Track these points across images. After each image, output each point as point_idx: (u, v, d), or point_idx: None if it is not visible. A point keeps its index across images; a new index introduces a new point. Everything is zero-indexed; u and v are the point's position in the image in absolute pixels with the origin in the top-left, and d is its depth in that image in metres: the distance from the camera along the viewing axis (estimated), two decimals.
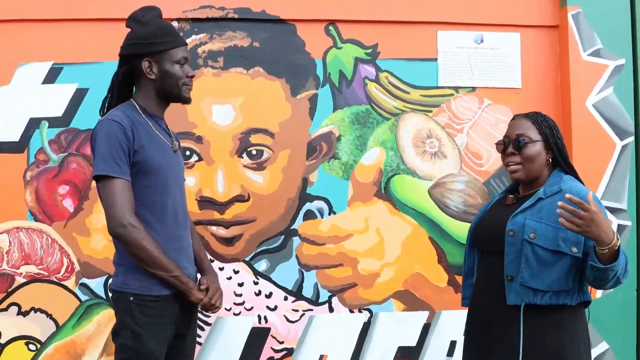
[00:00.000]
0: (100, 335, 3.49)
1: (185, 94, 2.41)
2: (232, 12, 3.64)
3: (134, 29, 2.39)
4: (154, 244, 2.23)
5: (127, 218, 2.19)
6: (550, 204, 2.22)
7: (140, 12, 2.42)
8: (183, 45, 2.41)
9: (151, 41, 2.34)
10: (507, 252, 2.26)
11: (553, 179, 2.31)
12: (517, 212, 2.28)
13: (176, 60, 2.36)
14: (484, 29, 3.85)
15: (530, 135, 2.33)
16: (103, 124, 2.27)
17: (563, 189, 2.24)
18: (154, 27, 2.37)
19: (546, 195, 2.26)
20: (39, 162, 3.52)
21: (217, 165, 3.60)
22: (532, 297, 2.20)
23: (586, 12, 3.80)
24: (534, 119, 2.37)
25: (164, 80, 2.36)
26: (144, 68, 2.34)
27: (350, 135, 3.72)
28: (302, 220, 3.65)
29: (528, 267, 2.21)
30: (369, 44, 3.76)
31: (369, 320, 3.68)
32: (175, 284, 2.28)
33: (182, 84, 2.38)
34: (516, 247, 2.23)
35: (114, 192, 2.21)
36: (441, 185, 3.76)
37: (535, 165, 2.33)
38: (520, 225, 2.24)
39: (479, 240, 2.47)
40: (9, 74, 3.52)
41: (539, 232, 2.21)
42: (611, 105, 3.79)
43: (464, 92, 3.82)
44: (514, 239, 2.24)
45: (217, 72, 3.64)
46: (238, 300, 3.59)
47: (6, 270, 3.47)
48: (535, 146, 2.32)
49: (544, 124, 2.35)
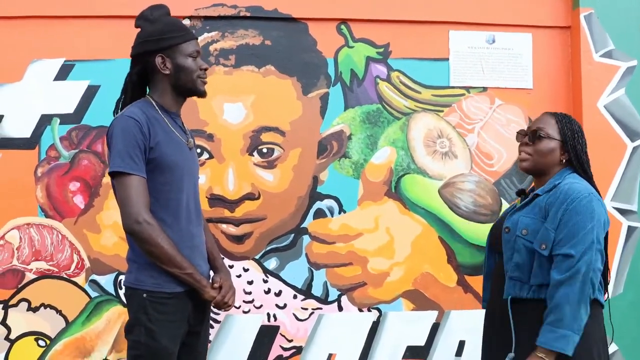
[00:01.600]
0: (110, 331, 3.50)
1: (201, 87, 2.42)
2: (244, 10, 3.64)
3: (143, 28, 2.41)
4: (168, 242, 2.23)
5: (142, 215, 2.20)
6: (543, 199, 2.25)
7: (148, 11, 2.44)
8: (193, 39, 2.43)
9: (162, 37, 2.35)
10: (504, 249, 2.32)
11: (556, 177, 2.32)
12: (515, 210, 2.35)
13: (188, 54, 2.37)
14: (496, 29, 3.84)
15: (548, 131, 2.33)
16: (119, 120, 2.27)
17: (558, 185, 2.25)
18: (163, 23, 2.39)
19: (543, 192, 2.28)
20: (50, 158, 3.53)
21: (228, 163, 3.60)
22: (518, 291, 2.24)
23: (598, 13, 3.79)
24: (558, 118, 2.37)
25: (178, 74, 2.36)
26: (158, 64, 2.35)
27: (361, 134, 3.72)
28: (312, 218, 3.66)
29: (518, 261, 2.24)
30: (381, 43, 3.76)
31: (378, 320, 3.68)
32: (189, 281, 2.28)
33: (196, 77, 2.39)
34: (511, 244, 2.28)
35: (129, 189, 2.21)
36: (451, 185, 3.76)
37: (545, 161, 2.33)
38: (515, 222, 2.29)
39: (493, 242, 2.51)
40: (21, 70, 3.53)
41: (530, 228, 2.24)
42: (622, 106, 3.78)
43: (475, 92, 3.82)
44: (509, 235, 2.29)
45: (228, 70, 3.64)
46: (247, 298, 3.59)
47: (16, 266, 3.47)
48: (550, 143, 2.32)
49: (567, 126, 2.34)
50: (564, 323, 2.09)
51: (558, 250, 2.15)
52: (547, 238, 2.18)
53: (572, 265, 2.11)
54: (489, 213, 3.76)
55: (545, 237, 2.19)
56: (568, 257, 2.12)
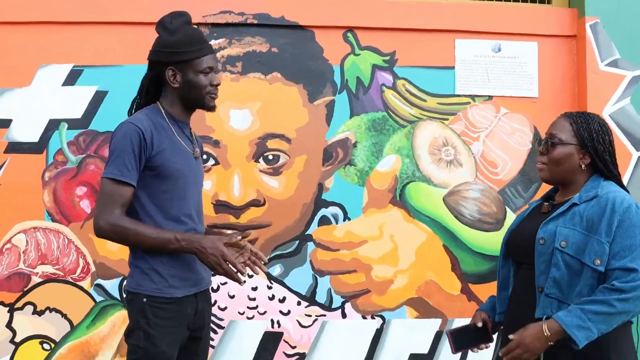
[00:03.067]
0: (114, 336, 3.52)
1: (209, 103, 2.38)
2: (252, 17, 3.66)
3: (161, 36, 2.37)
4: (141, 232, 2.21)
5: (105, 219, 2.20)
6: (584, 209, 2.08)
7: (168, 18, 2.38)
8: (209, 54, 2.37)
9: (176, 50, 2.31)
10: (537, 262, 2.11)
11: (590, 184, 2.14)
12: (549, 219, 2.14)
13: (200, 70, 2.33)
14: (502, 37, 3.86)
15: (561, 136, 2.17)
16: (122, 125, 2.28)
17: (600, 194, 2.09)
18: (180, 35, 2.33)
19: (581, 201, 2.11)
20: (58, 163, 3.56)
21: (234, 170, 3.62)
22: (557, 310, 2.05)
23: (604, 23, 3.80)
24: (573, 119, 2.19)
25: (187, 89, 2.34)
26: (168, 77, 2.34)
27: (366, 141, 3.73)
28: (317, 225, 3.67)
29: (556, 277, 2.07)
30: (387, 52, 3.78)
31: (381, 327, 3.69)
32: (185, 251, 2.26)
33: (205, 93, 2.35)
34: (546, 257, 2.09)
35: (105, 194, 2.22)
36: (456, 193, 3.76)
37: (562, 169, 2.17)
38: (552, 233, 2.09)
39: (512, 250, 2.31)
40: (29, 75, 3.56)
41: (570, 240, 2.06)
42: (628, 115, 3.79)
43: (481, 101, 3.83)
44: (544, 247, 2.10)
45: (235, 77, 3.66)
46: (252, 304, 3.61)
47: (22, 270, 3.50)
48: (565, 149, 2.16)
49: (583, 127, 2.16)
50: (598, 319, 1.96)
51: (616, 264, 2.00)
52: (602, 252, 2.02)
53: (636, 278, 1.97)
54: (493, 221, 3.76)
55: (599, 252, 2.02)
56: (630, 271, 1.98)
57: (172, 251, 2.26)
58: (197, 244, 2.26)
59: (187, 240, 2.27)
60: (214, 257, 2.23)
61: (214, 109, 2.42)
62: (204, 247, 2.25)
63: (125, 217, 2.23)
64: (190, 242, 2.27)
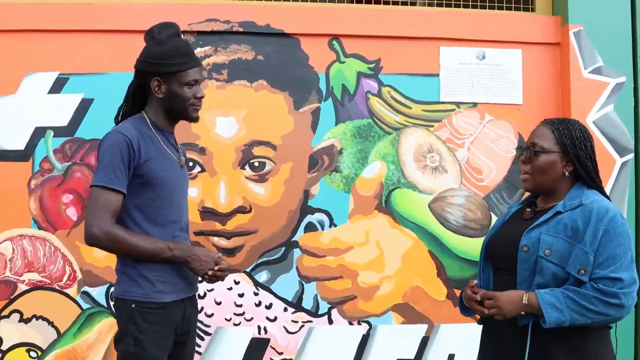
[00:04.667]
0: (101, 343, 3.52)
1: (192, 114, 2.41)
2: (237, 25, 3.68)
3: (148, 45, 2.39)
4: (133, 241, 2.24)
5: (97, 226, 2.22)
6: (569, 217, 2.08)
7: (157, 28, 2.39)
8: (195, 66, 2.39)
9: (162, 62, 2.33)
10: (519, 269, 2.11)
11: (574, 192, 2.14)
12: (532, 227, 2.13)
13: (185, 82, 2.36)
14: (486, 45, 3.88)
15: (543, 144, 2.16)
16: (110, 135, 2.31)
17: (584, 203, 2.09)
18: (168, 47, 2.35)
19: (565, 209, 2.10)
20: (44, 170, 3.56)
21: (220, 177, 3.64)
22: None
23: (587, 30, 3.84)
24: (554, 127, 2.18)
25: (171, 100, 2.37)
26: (153, 87, 2.36)
27: (352, 148, 3.75)
28: (303, 232, 3.69)
29: (541, 284, 2.07)
30: (372, 59, 3.80)
31: (368, 333, 3.70)
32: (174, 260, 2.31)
33: (188, 105, 2.38)
34: (530, 264, 2.09)
35: (95, 202, 2.24)
36: (441, 199, 3.79)
37: (546, 177, 2.17)
38: (535, 240, 2.09)
39: (492, 255, 2.30)
40: (15, 83, 3.57)
41: (554, 248, 2.06)
42: (611, 122, 3.82)
43: (466, 108, 3.86)
44: (528, 254, 2.09)
45: (221, 85, 3.68)
46: (238, 311, 3.62)
47: (9, 277, 3.50)
48: (549, 157, 2.15)
49: (565, 134, 2.15)
50: (575, 310, 1.99)
51: (600, 273, 2.00)
52: (586, 262, 2.02)
53: (622, 287, 1.99)
54: (478, 227, 3.79)
55: (584, 261, 2.02)
56: (616, 280, 1.99)
57: (164, 260, 2.30)
58: (189, 252, 2.34)
59: (180, 249, 2.33)
60: (206, 264, 2.33)
61: (197, 120, 2.45)
62: (196, 255, 2.34)
63: (117, 225, 2.25)
64: (183, 251, 2.33)
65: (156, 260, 2.28)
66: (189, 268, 2.34)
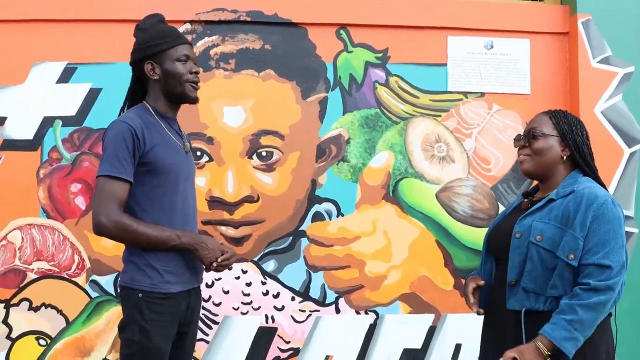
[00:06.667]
0: (110, 331, 3.54)
1: (190, 93, 2.41)
2: (245, 15, 3.68)
3: (137, 37, 2.46)
4: (142, 229, 2.25)
5: (106, 215, 2.22)
6: (560, 204, 2.12)
7: (142, 20, 2.48)
8: (183, 44, 2.42)
9: (150, 44, 2.38)
10: (511, 255, 2.16)
11: (569, 180, 2.18)
12: (526, 215, 2.18)
13: (176, 58, 2.38)
14: (494, 35, 3.87)
15: (542, 129, 2.22)
16: (114, 125, 2.32)
17: (576, 190, 2.13)
18: (153, 31, 2.42)
19: (558, 197, 2.15)
20: (52, 160, 3.58)
21: (228, 166, 3.64)
22: (534, 303, 2.11)
23: (596, 20, 3.82)
24: (552, 114, 2.26)
25: (166, 79, 2.39)
26: (147, 71, 2.39)
27: (359, 138, 3.75)
28: (310, 221, 3.69)
29: (531, 270, 2.11)
30: (380, 49, 3.80)
31: (374, 322, 3.71)
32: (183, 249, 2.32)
33: (184, 81, 2.39)
34: (521, 250, 2.13)
35: (102, 191, 2.25)
36: (449, 189, 3.79)
37: (545, 159, 2.21)
38: (527, 227, 2.14)
39: (492, 246, 2.34)
40: (24, 73, 3.58)
41: (545, 234, 2.10)
42: (619, 112, 3.81)
43: (473, 98, 3.85)
44: (520, 241, 2.14)
45: (228, 74, 3.68)
46: (246, 300, 3.63)
47: (18, 266, 3.52)
48: (548, 140, 2.21)
49: (563, 120, 2.23)
50: (583, 327, 2.00)
51: (589, 259, 2.03)
52: (575, 247, 2.05)
53: (610, 277, 2.00)
54: (486, 217, 3.79)
55: (573, 246, 2.05)
56: (604, 268, 2.01)
57: (172, 248, 2.30)
58: (198, 240, 2.34)
59: (188, 236, 2.33)
60: (214, 252, 2.33)
61: (196, 100, 2.45)
62: (204, 243, 2.34)
63: (125, 214, 2.26)
64: (191, 239, 2.33)
65: (164, 249, 2.29)
66: (196, 256, 2.34)
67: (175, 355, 2.41)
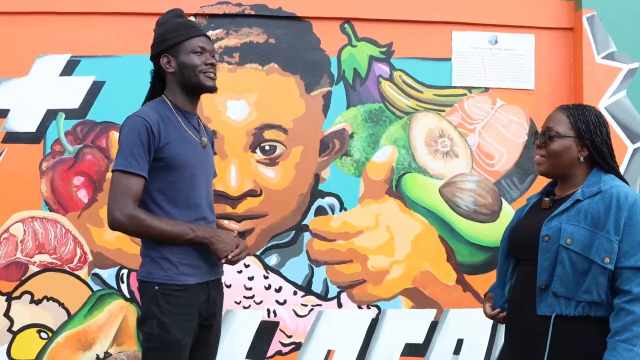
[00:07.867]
0: (111, 324, 3.54)
1: (207, 82, 2.41)
2: (249, 8, 3.67)
3: (155, 32, 2.47)
4: (155, 223, 2.26)
5: (120, 210, 2.23)
6: (589, 205, 2.05)
7: (162, 16, 2.48)
8: (199, 35, 2.42)
9: (165, 37, 2.40)
10: (540, 259, 2.08)
11: (592, 178, 2.12)
12: (552, 216, 2.11)
13: (190, 50, 2.38)
14: (499, 30, 3.86)
15: (558, 129, 2.15)
16: (130, 119, 2.32)
17: (603, 189, 2.06)
18: (168, 24, 2.43)
19: (584, 197, 2.08)
20: (55, 153, 3.57)
21: (231, 160, 3.64)
22: (564, 308, 2.04)
23: (601, 15, 3.81)
24: (569, 112, 2.17)
25: (182, 71, 2.39)
26: (163, 64, 2.40)
27: (363, 132, 3.75)
28: (313, 216, 3.69)
29: (562, 274, 2.04)
30: (384, 43, 3.79)
31: (377, 317, 3.71)
32: (197, 242, 2.32)
33: (199, 72, 2.38)
34: (551, 254, 2.06)
35: (117, 186, 2.25)
36: (452, 184, 3.78)
37: (561, 162, 2.15)
38: (556, 229, 2.06)
39: (514, 248, 2.28)
40: (27, 65, 3.57)
41: (575, 237, 2.03)
42: (624, 108, 3.80)
43: (477, 93, 3.84)
44: (549, 244, 2.07)
45: (232, 68, 3.67)
46: (248, 294, 3.63)
47: (20, 259, 3.51)
48: (563, 141, 2.13)
49: (580, 119, 2.14)
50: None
51: (625, 263, 1.98)
52: (611, 250, 1.99)
53: None
54: (489, 213, 3.78)
55: (608, 249, 1.99)
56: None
57: (187, 242, 2.31)
58: (213, 233, 2.35)
59: (203, 230, 2.34)
60: (229, 246, 2.34)
61: (215, 89, 2.44)
62: (219, 236, 2.35)
63: (140, 208, 2.27)
64: (206, 232, 2.34)
65: (179, 242, 2.29)
66: (211, 249, 2.34)
67: (200, 348, 2.41)
